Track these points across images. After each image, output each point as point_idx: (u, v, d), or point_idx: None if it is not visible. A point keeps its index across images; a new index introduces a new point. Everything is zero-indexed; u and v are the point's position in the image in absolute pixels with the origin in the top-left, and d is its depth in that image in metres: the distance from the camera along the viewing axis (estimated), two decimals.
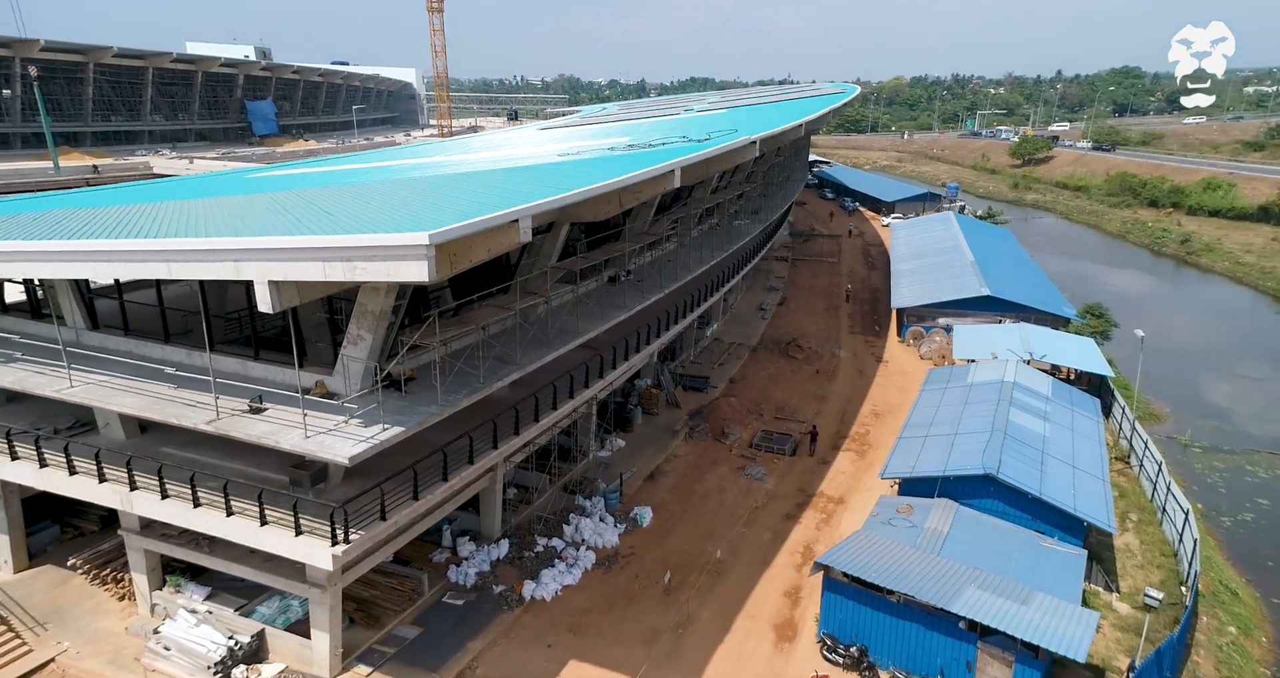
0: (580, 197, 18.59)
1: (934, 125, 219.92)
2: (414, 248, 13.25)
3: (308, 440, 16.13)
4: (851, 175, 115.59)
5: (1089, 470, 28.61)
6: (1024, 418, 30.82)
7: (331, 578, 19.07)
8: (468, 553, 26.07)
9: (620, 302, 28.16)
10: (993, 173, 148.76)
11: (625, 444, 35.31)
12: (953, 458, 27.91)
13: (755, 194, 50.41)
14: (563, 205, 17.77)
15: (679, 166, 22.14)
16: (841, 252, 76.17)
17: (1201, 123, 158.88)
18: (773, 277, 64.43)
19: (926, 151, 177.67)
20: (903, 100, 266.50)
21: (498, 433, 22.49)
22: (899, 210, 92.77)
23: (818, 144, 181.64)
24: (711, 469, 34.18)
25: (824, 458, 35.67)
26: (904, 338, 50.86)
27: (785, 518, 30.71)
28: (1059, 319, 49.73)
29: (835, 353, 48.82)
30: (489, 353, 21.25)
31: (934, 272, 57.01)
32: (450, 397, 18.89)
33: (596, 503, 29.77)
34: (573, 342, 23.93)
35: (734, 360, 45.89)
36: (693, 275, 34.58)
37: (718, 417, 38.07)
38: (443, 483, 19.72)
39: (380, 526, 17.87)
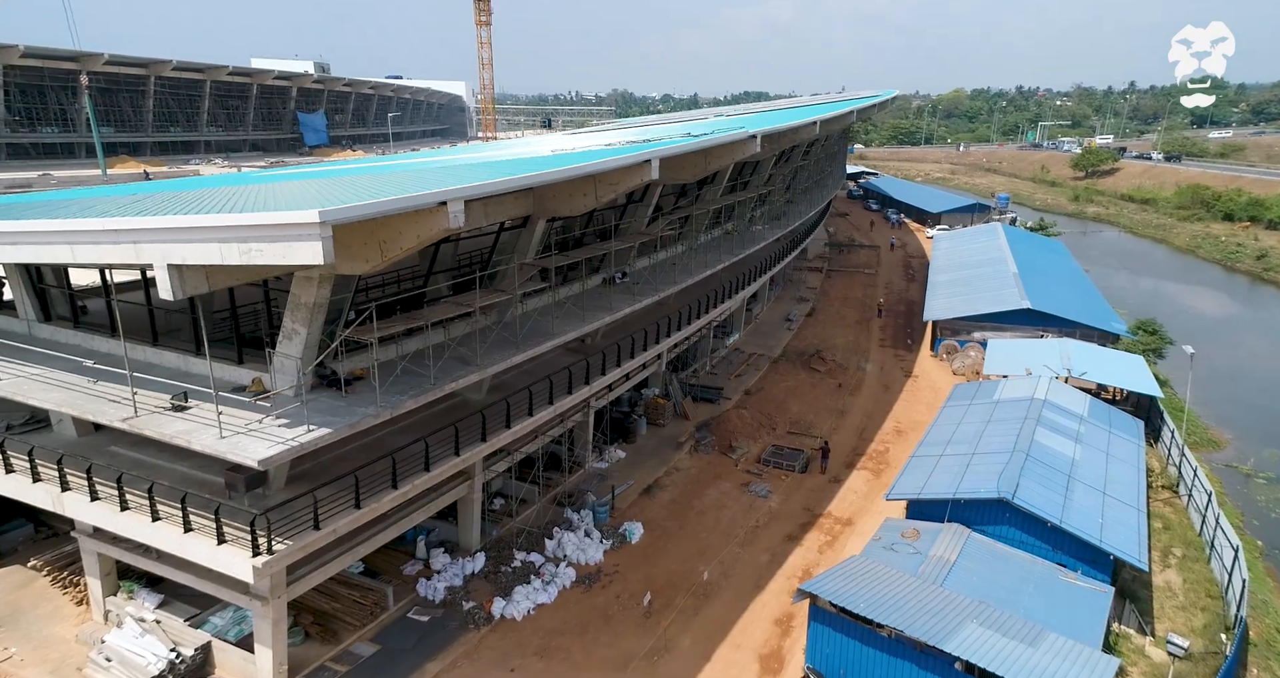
0: (528, 182, 17.20)
1: (991, 137, 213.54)
2: (305, 227, 12.11)
3: (222, 441, 15.11)
4: (897, 186, 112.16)
5: (1122, 499, 25.90)
6: (1051, 439, 28.21)
7: (274, 590, 17.98)
8: (441, 566, 24.83)
9: (607, 304, 26.74)
10: (1053, 185, 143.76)
11: (625, 456, 33.77)
12: (966, 479, 25.58)
13: (778, 199, 48.54)
14: (503, 190, 16.42)
15: (656, 157, 20.73)
16: (880, 263, 73.35)
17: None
18: (804, 287, 62.22)
19: (982, 164, 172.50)
20: (961, 112, 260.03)
21: (460, 439, 21.20)
22: (945, 222, 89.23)
23: (867, 156, 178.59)
24: (713, 484, 32.34)
25: (836, 476, 33.49)
26: (937, 352, 48.14)
27: (786, 539, 28.69)
28: (1108, 335, 46.45)
29: (861, 366, 46.42)
30: (450, 353, 20.05)
31: (972, 283, 54.08)
32: (394, 398, 17.72)
33: (584, 517, 28.26)
34: (545, 344, 22.59)
35: (752, 372, 43.95)
36: (693, 280, 32.96)
37: (725, 429, 36.23)
38: (391, 491, 18.49)
39: (313, 536, 16.70)
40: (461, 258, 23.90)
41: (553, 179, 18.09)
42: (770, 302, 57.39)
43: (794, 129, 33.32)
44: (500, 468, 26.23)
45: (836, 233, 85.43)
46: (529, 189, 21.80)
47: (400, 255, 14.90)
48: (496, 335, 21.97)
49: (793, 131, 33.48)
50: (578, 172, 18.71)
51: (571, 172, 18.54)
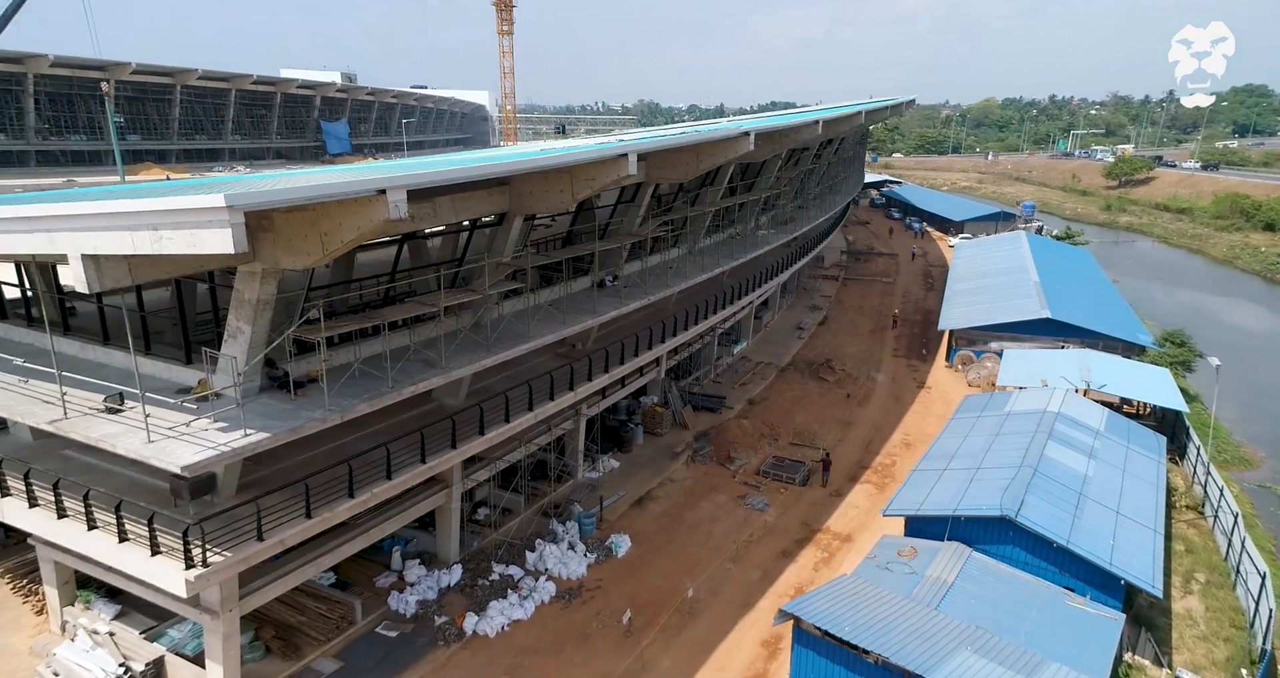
0: (483, 172, 16.15)
1: (1021, 146, 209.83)
2: (212, 213, 11.29)
3: (149, 445, 14.33)
4: (920, 195, 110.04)
5: (1137, 519, 24.26)
6: (1062, 453, 26.62)
7: (225, 603, 17.15)
8: (415, 578, 23.88)
9: (592, 308, 25.76)
10: (1084, 194, 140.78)
11: (619, 465, 32.69)
12: (968, 495, 24.12)
13: (786, 204, 47.28)
14: (450, 180, 15.39)
15: (632, 152, 19.76)
16: (899, 272, 71.60)
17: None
18: (818, 295, 60.78)
19: (1011, 173, 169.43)
20: (991, 122, 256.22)
21: (432, 445, 20.30)
22: (968, 230, 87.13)
23: (892, 165, 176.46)
24: (708, 497, 31.12)
25: (838, 490, 32.09)
26: (952, 363, 46.45)
27: (780, 555, 27.37)
28: (1132, 347, 44.48)
29: (872, 376, 44.91)
30: (416, 355, 19.18)
31: (991, 292, 52.28)
32: (346, 402, 16.85)
33: (570, 529, 27.20)
34: (518, 347, 21.63)
35: (758, 381, 42.67)
36: (687, 284, 31.83)
37: (724, 440, 35.00)
38: (348, 500, 17.61)
39: (256, 547, 15.83)
40: (442, 257, 23.12)
41: (512, 170, 17.14)
42: (782, 310, 56.07)
43: (794, 128, 32.16)
44: (481, 476, 25.29)
45: (856, 241, 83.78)
46: (503, 185, 21.00)
47: (342, 249, 14.06)
48: (466, 338, 21.08)
49: (793, 131, 32.32)
50: (542, 164, 17.77)
51: (535, 163, 17.60)
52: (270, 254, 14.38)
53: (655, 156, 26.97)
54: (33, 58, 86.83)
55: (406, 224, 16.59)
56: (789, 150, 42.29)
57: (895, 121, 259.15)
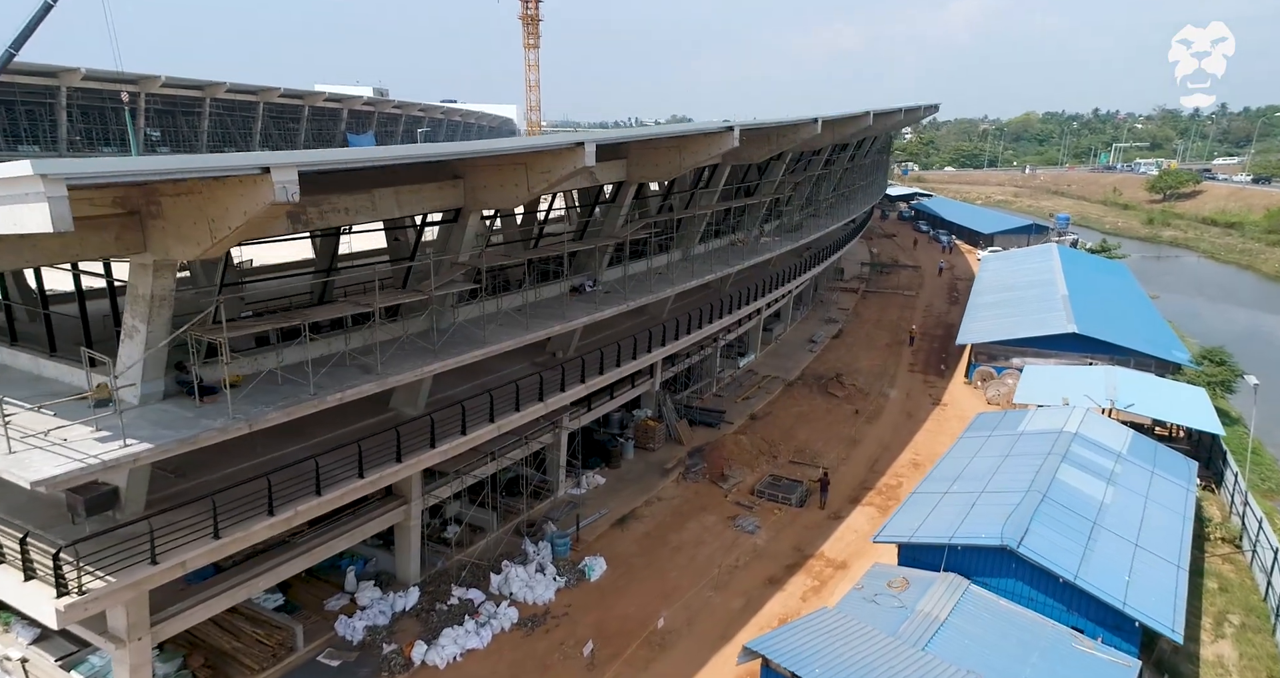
0: (414, 155, 14.59)
1: (1061, 159, 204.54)
2: (25, 184, 9.92)
3: (9, 456, 13.01)
4: (950, 207, 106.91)
5: (1159, 552, 21.86)
6: (1077, 477, 24.29)
7: (132, 631, 15.76)
8: (367, 601, 22.39)
9: (560, 313, 24.22)
10: (1125, 208, 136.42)
11: (605, 482, 31.01)
12: (968, 522, 21.96)
13: (794, 211, 45.38)
14: (353, 161, 13.85)
15: (594, 142, 18.23)
16: (922, 285, 69.01)
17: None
18: (835, 308, 58.58)
19: (1050, 187, 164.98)
20: (1031, 135, 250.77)
21: (374, 458, 18.87)
22: (998, 244, 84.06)
23: (925, 179, 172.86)
24: (696, 517, 29.25)
25: (837, 512, 29.99)
26: (971, 379, 43.97)
27: (767, 582, 25.38)
28: (1167, 365, 41.65)
29: (884, 392, 42.63)
30: (351, 361, 17.80)
31: (1016, 306, 49.67)
32: (255, 410, 15.47)
33: (541, 549, 25.55)
34: (469, 353, 20.12)
35: (762, 395, 40.71)
36: (676, 290, 30.13)
37: (719, 456, 33.11)
38: (266, 518, 16.18)
39: (148, 571, 14.35)
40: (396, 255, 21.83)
41: (458, 155, 15.57)
42: (796, 322, 54.03)
43: (788, 126, 30.39)
44: (446, 491, 23.74)
45: (880, 254, 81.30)
46: (457, 179, 19.64)
47: (234, 238, 12.75)
48: (412, 343, 19.65)
49: (788, 130, 30.51)
50: (479, 150, 16.25)
51: (483, 148, 16.10)
52: (161, 243, 13.16)
53: (636, 155, 25.51)
54: (66, 71, 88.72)
55: (329, 217, 15.25)
56: (794, 154, 40.58)
57: (930, 135, 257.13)
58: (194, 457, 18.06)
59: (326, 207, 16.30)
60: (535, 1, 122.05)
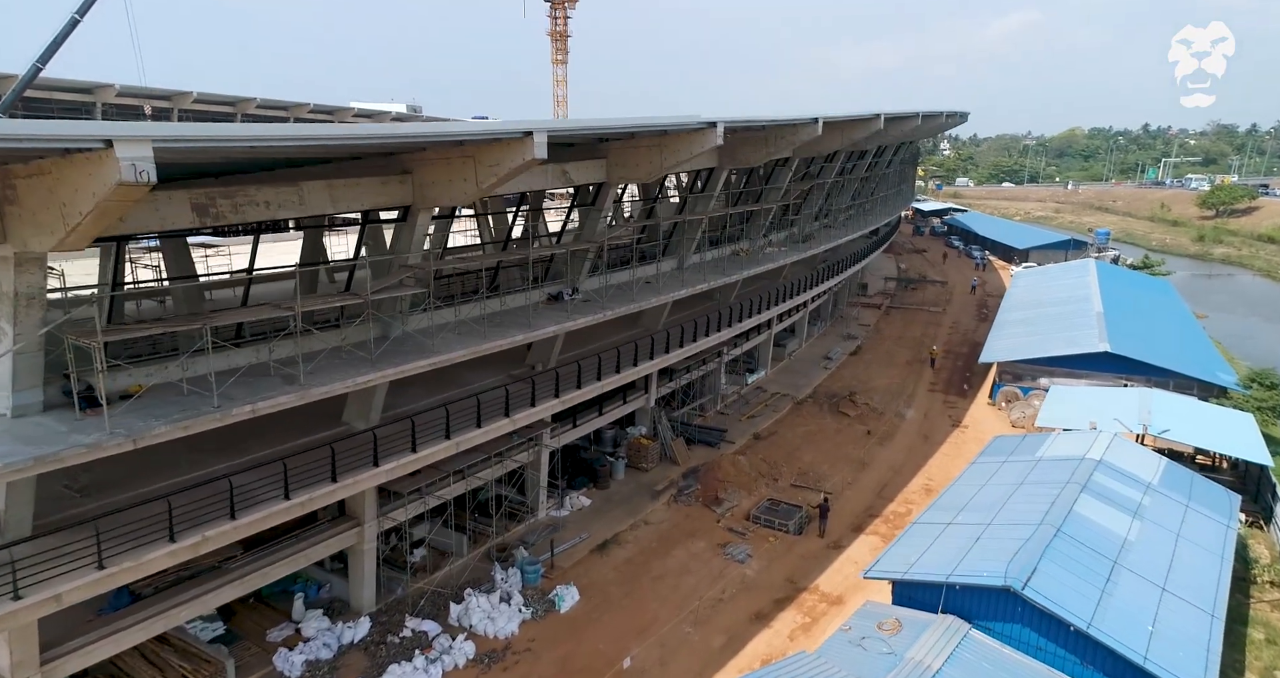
0: (313, 136, 13.00)
1: (1106, 175, 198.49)
2: None
3: None
4: (984, 222, 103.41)
5: (1190, 598, 19.32)
6: (1097, 510, 21.83)
7: (19, 669, 14.33)
8: (313, 632, 20.81)
9: (525, 321, 22.60)
10: (1174, 225, 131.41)
11: (591, 503, 29.23)
12: (970, 558, 19.70)
13: (805, 220, 43.30)
14: (224, 138, 12.18)
15: (545, 131, 16.59)
16: (950, 300, 66.16)
17: None
18: (855, 324, 56.18)
19: (1093, 202, 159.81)
20: (1075, 151, 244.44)
21: (300, 477, 17.37)
22: (1033, 259, 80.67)
23: (962, 194, 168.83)
24: (684, 543, 27.26)
25: (837, 541, 27.77)
26: (995, 400, 41.31)
27: (753, 618, 23.29)
28: (1211, 388, 38.61)
29: (900, 412, 40.20)
30: (275, 371, 16.39)
31: (1046, 323, 46.85)
32: (143, 424, 13.98)
33: (511, 576, 23.83)
34: (411, 363, 18.54)
35: (769, 413, 38.62)
36: (664, 299, 28.33)
37: (714, 478, 31.09)
38: (167, 545, 14.68)
39: (7, 608, 12.84)
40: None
41: (342, 140, 13.82)
42: (812, 338, 51.81)
43: (789, 126, 28.42)
44: (405, 514, 22.12)
45: (908, 269, 78.56)
46: (405, 174, 18.25)
47: (88, 226, 11.28)
48: (353, 352, 18.21)
49: (787, 130, 28.49)
50: (411, 132, 14.65)
51: (404, 132, 14.54)
52: (19, 233, 11.92)
53: (616, 155, 23.95)
54: (101, 88, 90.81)
55: (245, 211, 13.86)
56: (802, 159, 38.70)
57: (969, 151, 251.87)
58: (108, 474, 16.83)
59: (241, 199, 14.98)
60: (564, 18, 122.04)
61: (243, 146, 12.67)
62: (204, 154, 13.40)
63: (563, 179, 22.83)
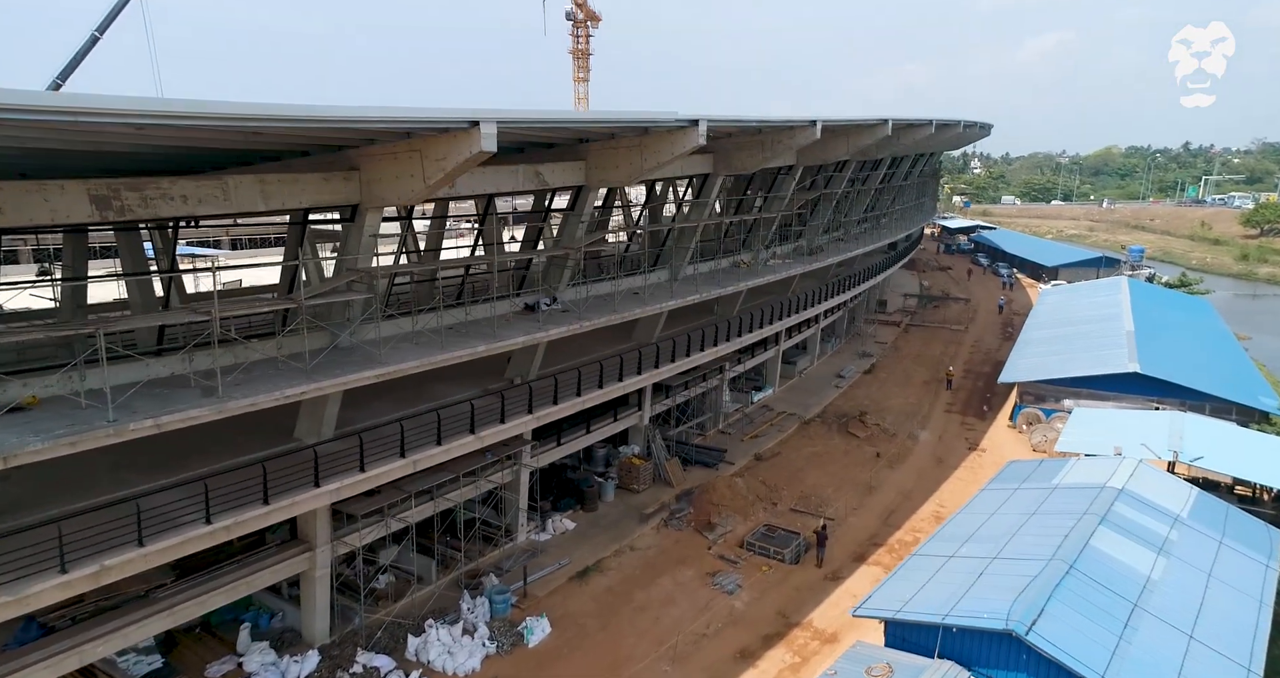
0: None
1: (1143, 193, 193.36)
2: None
3: None
4: (1012, 239, 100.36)
5: (1221, 648, 17.17)
6: (1116, 545, 19.74)
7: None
8: (256, 666, 19.41)
9: (489, 332, 21.18)
10: (1215, 243, 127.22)
11: (575, 527, 27.68)
12: (970, 595, 17.77)
13: (815, 234, 41.56)
14: (77, 111, 10.70)
15: (494, 121, 15.16)
16: (974, 318, 63.71)
17: None
18: (872, 341, 54.10)
19: (1130, 221, 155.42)
20: (1112, 170, 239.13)
21: (228, 496, 16.03)
22: (1063, 277, 77.71)
23: (992, 212, 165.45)
24: (671, 571, 25.53)
25: (836, 571, 25.85)
26: (1015, 422, 39.02)
27: (738, 657, 21.48)
28: (1251, 412, 36.00)
29: (914, 434, 38.09)
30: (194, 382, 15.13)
31: (1072, 341, 44.45)
32: (12, 440, 12.67)
33: (479, 606, 22.29)
34: (354, 375, 17.22)
35: (773, 433, 36.80)
36: (648, 311, 26.72)
37: (708, 501, 29.36)
38: (56, 576, 13.35)
39: None
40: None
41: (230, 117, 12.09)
42: (826, 356, 49.88)
43: (785, 128, 26.74)
44: (361, 540, 20.58)
45: (931, 286, 76.17)
46: (353, 171, 17.05)
47: None
48: (284, 363, 16.93)
49: (783, 133, 26.79)
50: (325, 115, 13.15)
51: (321, 115, 13.08)
52: None
53: (595, 156, 22.63)
54: None
55: (156, 206, 12.68)
56: (810, 169, 37.16)
57: (1000, 169, 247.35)
58: (10, 493, 15.70)
59: (153, 192, 13.83)
60: (586, 36, 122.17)
61: (116, 123, 11.32)
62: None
63: (535, 181, 21.57)
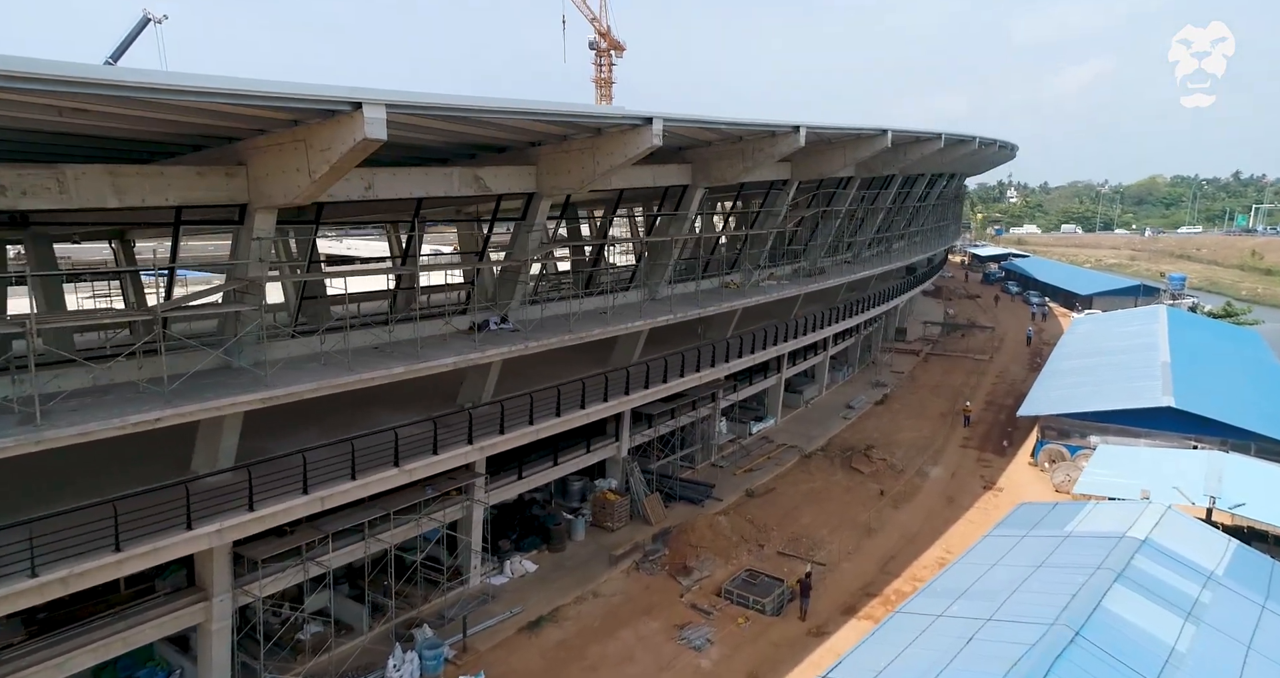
0: None
1: (1189, 221, 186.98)
2: None
3: None
4: (1045, 267, 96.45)
5: None
6: (1134, 608, 16.79)
7: None
8: None
9: (412, 352, 19.11)
10: (1267, 273, 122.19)
11: (537, 569, 25.32)
12: (952, 668, 14.99)
13: (817, 254, 39.08)
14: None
15: (382, 104, 13.02)
16: (1000, 348, 60.30)
17: None
18: (888, 370, 51.15)
19: (1174, 250, 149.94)
20: (1156, 199, 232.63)
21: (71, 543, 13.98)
22: (1097, 306, 73.78)
23: (1027, 241, 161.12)
24: (635, 622, 22.95)
25: (821, 625, 23.03)
26: (1036, 459, 35.81)
27: None
28: None
29: (924, 470, 35.09)
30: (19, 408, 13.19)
31: (1102, 372, 41.19)
32: None
33: (407, 663, 19.96)
34: (225, 399, 14.98)
35: (770, 467, 34.16)
36: (609, 332, 24.41)
37: (686, 542, 26.80)
38: None
39: None
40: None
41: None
42: (837, 385, 47.11)
43: (766, 134, 24.38)
44: (264, 588, 18.26)
45: (957, 315, 72.85)
46: (240, 167, 15.24)
47: None
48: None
49: (765, 140, 24.40)
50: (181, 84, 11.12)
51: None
52: None
53: (547, 160, 20.74)
54: None
55: None
56: (809, 184, 34.92)
57: (1038, 198, 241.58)
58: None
59: None
60: (609, 65, 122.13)
61: None
62: None
63: (475, 185, 19.71)
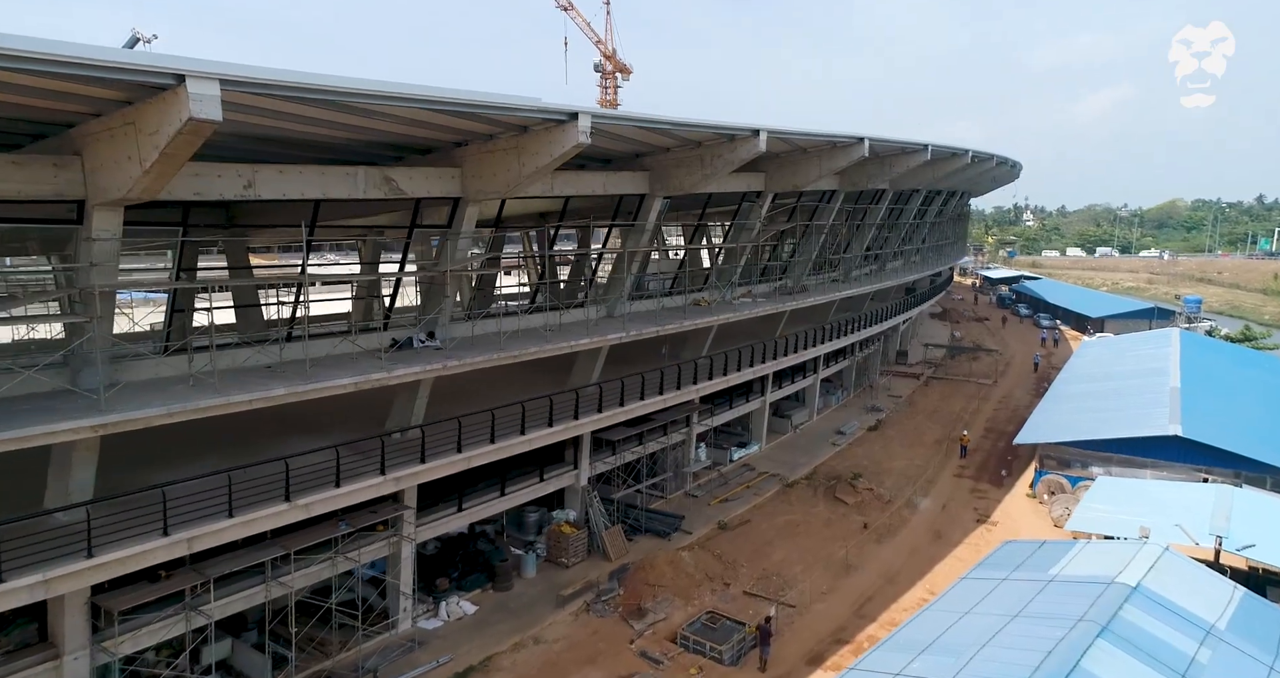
0: None
1: (1210, 245, 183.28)
2: None
3: None
4: (1056, 290, 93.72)
5: None
6: (1118, 668, 14.53)
7: None
8: None
9: (301, 372, 17.30)
10: None
11: (476, 611, 23.31)
12: None
13: (800, 271, 37.19)
14: None
15: (212, 77, 11.24)
16: (1005, 372, 57.81)
17: None
18: (885, 395, 48.88)
19: (1194, 273, 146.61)
20: (1176, 223, 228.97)
21: None
22: (1109, 329, 71.05)
23: (1042, 264, 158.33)
24: (575, 674, 20.83)
25: (784, 675, 20.82)
26: (1035, 491, 33.43)
27: None
28: None
29: (914, 502, 32.83)
30: None
31: (1106, 399, 38.80)
32: None
33: None
34: (39, 428, 12.99)
35: (748, 497, 32.06)
36: (545, 352, 22.45)
37: (643, 581, 24.73)
38: None
39: None
40: None
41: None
42: (829, 409, 44.97)
43: (729, 137, 22.31)
44: (150, 639, 16.29)
45: (964, 337, 70.43)
46: (75, 156, 13.55)
47: None
48: None
49: (724, 145, 22.39)
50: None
51: None
52: None
53: (472, 163, 19.18)
54: None
55: None
56: (786, 197, 33.18)
57: (1055, 221, 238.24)
58: None
59: None
60: (614, 87, 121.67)
61: None
62: None
63: (385, 188, 18.16)
